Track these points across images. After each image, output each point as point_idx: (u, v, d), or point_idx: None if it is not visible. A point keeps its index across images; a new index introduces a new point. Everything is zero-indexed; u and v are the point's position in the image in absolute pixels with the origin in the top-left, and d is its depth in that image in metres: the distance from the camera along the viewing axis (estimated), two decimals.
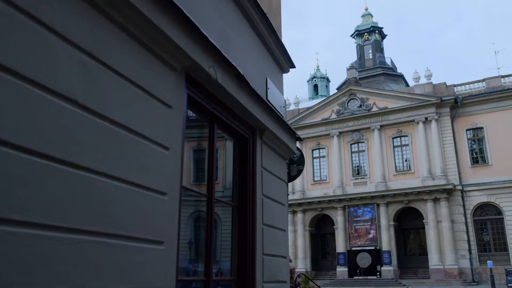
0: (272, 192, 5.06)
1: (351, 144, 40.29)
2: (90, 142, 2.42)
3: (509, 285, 28.15)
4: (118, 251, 2.56)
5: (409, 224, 37.25)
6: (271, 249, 4.86)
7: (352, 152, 40.20)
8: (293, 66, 6.27)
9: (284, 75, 6.29)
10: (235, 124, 4.41)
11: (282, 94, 5.98)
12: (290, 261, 11.63)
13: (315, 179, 41.11)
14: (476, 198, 34.06)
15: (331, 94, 46.82)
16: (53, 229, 2.18)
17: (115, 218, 2.55)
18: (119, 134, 2.64)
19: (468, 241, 33.39)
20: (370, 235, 37.01)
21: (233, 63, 3.88)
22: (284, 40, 6.05)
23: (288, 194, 6.06)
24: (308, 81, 61.43)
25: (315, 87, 60.13)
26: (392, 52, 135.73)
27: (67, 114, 2.28)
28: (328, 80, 61.57)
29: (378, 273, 35.46)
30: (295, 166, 6.80)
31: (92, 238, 2.40)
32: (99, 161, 2.47)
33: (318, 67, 62.59)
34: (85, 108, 2.39)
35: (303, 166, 6.94)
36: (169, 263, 2.98)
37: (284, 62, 6.08)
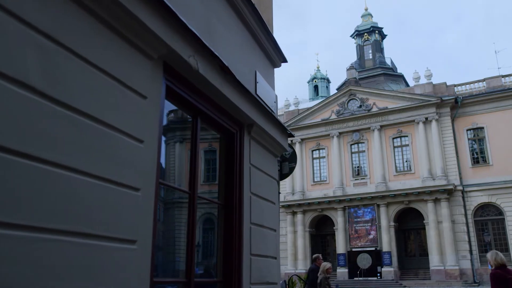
0: (261, 190, 4.87)
1: (351, 145, 40.07)
2: (50, 132, 2.23)
3: None
4: (83, 250, 2.37)
5: (409, 224, 37.01)
6: (260, 249, 4.67)
7: (352, 153, 39.98)
8: (284, 61, 6.08)
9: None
10: (220, 119, 4.22)
11: (274, 89, 5.79)
12: (320, 259, 11.31)
13: (315, 179, 40.89)
14: (477, 199, 33.82)
15: (331, 94, 46.60)
16: (7, 227, 2.00)
17: (79, 215, 2.36)
18: (85, 125, 2.45)
19: (469, 241, 33.13)
20: (371, 236, 36.78)
21: (216, 54, 3.69)
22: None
23: (279, 193, 5.87)
24: (308, 82, 61.25)
25: (315, 88, 59.95)
26: (392, 52, 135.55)
27: (22, 101, 2.09)
28: (328, 81, 61.39)
29: (378, 274, 35.22)
30: (287, 163, 6.59)
31: (53, 236, 2.21)
32: (60, 153, 2.28)
33: (318, 68, 62.42)
34: (44, 95, 2.20)
35: (295, 164, 6.73)
36: (142, 264, 2.79)
37: (275, 56, 5.89)
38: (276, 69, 6.04)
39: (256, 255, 4.52)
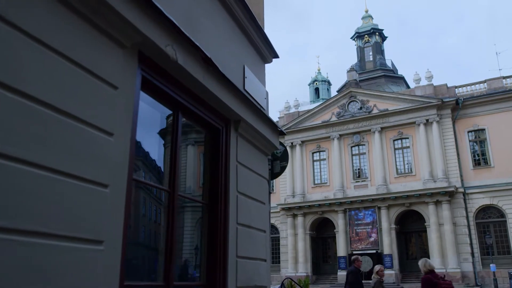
0: (249, 189, 4.66)
1: (351, 147, 39.85)
2: (2, 121, 2.03)
3: None
4: (42, 251, 2.17)
5: (410, 227, 36.72)
6: (247, 251, 4.45)
7: (352, 155, 39.75)
8: (276, 56, 5.88)
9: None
10: (204, 114, 4.01)
11: (264, 85, 5.58)
12: (360, 260, 11.00)
13: (316, 182, 40.66)
14: (478, 201, 33.51)
15: (331, 96, 46.41)
16: None
17: (38, 213, 2.16)
18: (44, 115, 2.25)
19: (471, 244, 32.83)
20: (371, 239, 36.52)
21: (197, 44, 3.49)
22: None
23: (270, 193, 5.66)
24: (309, 85, 60.98)
25: (316, 90, 59.67)
26: (393, 54, 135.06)
27: None
28: (329, 83, 61.10)
29: None
30: (278, 162, 6.36)
31: (8, 236, 2.01)
32: (16, 146, 2.08)
33: (319, 70, 62.10)
34: None
35: (287, 163, 6.50)
36: (110, 266, 2.58)
37: (266, 51, 5.69)
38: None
39: (242, 257, 4.31)
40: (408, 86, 48.17)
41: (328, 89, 60.22)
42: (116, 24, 2.75)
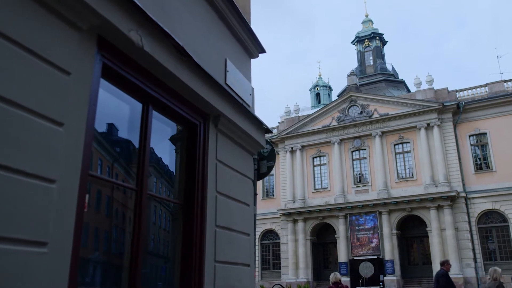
0: (230, 190, 4.37)
1: (352, 151, 39.54)
2: None
3: None
4: None
5: (412, 232, 36.32)
6: (228, 256, 4.16)
7: (353, 160, 39.43)
8: (263, 51, 5.61)
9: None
10: (179, 108, 3.74)
11: (250, 80, 5.31)
12: (449, 264, 10.76)
13: (316, 187, 40.33)
14: (480, 205, 33.12)
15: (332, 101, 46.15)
16: None
17: None
18: None
19: (473, 249, 32.42)
20: (373, 244, 36.13)
21: (167, 31, 3.22)
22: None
23: (256, 194, 5.38)
24: (310, 90, 60.78)
25: (317, 95, 59.47)
26: (394, 58, 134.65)
27: None
28: (330, 89, 60.90)
29: (381, 283, 34.47)
30: (265, 162, 6.06)
31: None
32: None
33: (320, 75, 61.91)
34: None
35: (274, 162, 6.19)
36: (56, 271, 2.29)
37: (251, 46, 5.42)
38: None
39: (222, 262, 4.02)
40: (408, 90, 47.93)
41: (329, 94, 60.04)
42: (70, 4, 2.48)
